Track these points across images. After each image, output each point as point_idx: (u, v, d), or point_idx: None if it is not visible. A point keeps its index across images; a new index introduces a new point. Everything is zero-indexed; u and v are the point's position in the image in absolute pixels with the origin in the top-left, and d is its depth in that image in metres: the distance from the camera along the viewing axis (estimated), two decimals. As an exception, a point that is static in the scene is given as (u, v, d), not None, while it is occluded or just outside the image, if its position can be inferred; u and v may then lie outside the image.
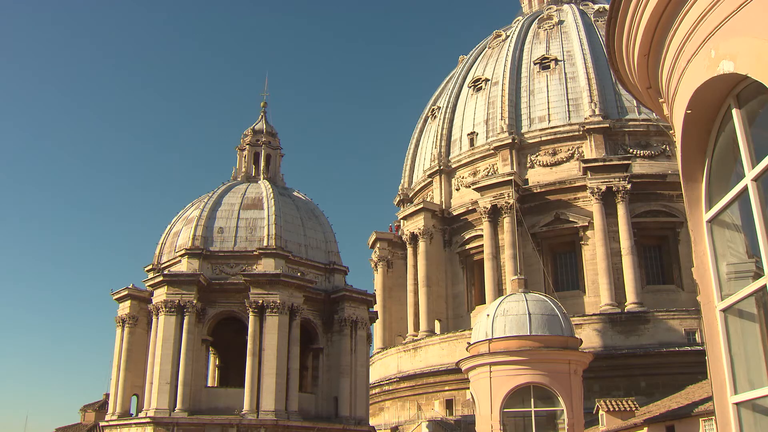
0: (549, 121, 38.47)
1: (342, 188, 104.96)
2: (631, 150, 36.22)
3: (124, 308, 28.82)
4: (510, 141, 38.58)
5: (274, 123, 33.65)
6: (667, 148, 35.94)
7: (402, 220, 43.74)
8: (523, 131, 38.98)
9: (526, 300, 23.90)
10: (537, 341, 22.48)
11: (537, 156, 38.23)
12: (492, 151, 39.70)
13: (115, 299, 29.18)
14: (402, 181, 49.01)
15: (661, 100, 4.59)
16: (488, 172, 40.28)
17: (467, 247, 40.57)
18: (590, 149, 36.77)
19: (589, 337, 30.92)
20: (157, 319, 26.24)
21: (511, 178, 36.88)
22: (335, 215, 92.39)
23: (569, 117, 37.84)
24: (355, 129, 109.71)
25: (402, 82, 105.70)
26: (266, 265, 27.20)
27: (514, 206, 36.51)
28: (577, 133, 37.45)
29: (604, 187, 34.80)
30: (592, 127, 36.93)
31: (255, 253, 27.58)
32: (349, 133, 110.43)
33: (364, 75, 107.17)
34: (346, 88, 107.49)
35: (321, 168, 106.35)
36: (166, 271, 26.75)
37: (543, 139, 38.27)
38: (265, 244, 27.95)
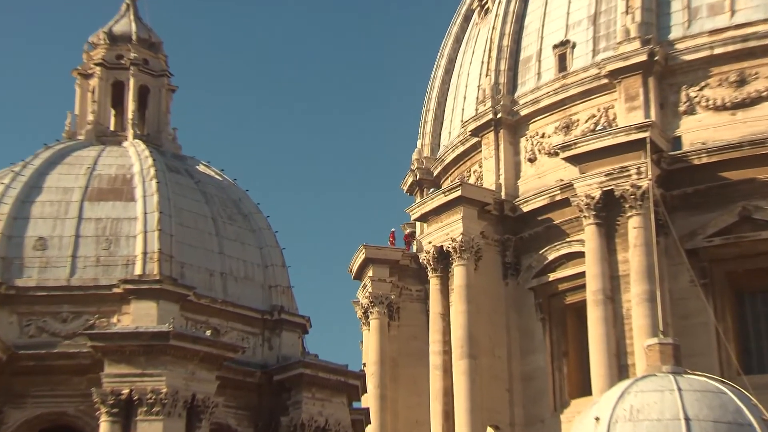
0: (732, 13, 37.60)
1: (300, 163, 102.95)
2: None
3: None
4: (645, 57, 38.22)
5: (156, 26, 34.09)
6: None
7: (418, 223, 45.19)
8: (670, 37, 38.87)
9: (679, 389, 22.53)
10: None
11: (701, 89, 38.01)
12: (605, 80, 39.99)
13: None
14: (418, 146, 50.78)
15: None
16: (596, 124, 39.83)
17: (551, 277, 40.30)
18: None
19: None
20: None
21: (646, 134, 36.06)
22: (289, 216, 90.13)
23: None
24: (324, 50, 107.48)
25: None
26: (139, 316, 26.82)
27: (651, 193, 35.76)
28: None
29: None
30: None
31: (116, 290, 27.08)
32: (307, 57, 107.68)
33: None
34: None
35: (257, 124, 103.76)
36: None
37: (716, 52, 37.80)
38: (137, 271, 27.49)
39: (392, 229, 48.60)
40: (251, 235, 30.55)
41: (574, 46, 41.31)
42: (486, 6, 46.71)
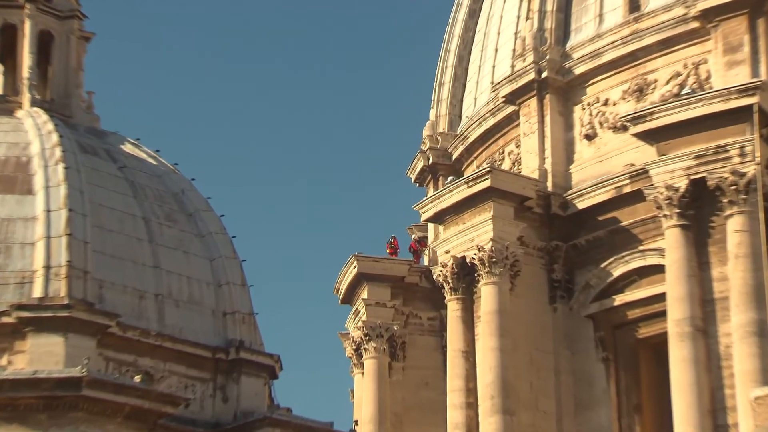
0: None
1: (265, 144, 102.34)
2: None
3: None
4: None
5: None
6: None
7: (431, 225, 45.76)
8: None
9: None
10: None
11: None
12: (695, 24, 40.08)
13: None
14: (431, 118, 51.16)
15: None
16: (681, 86, 39.81)
17: (617, 301, 40.48)
18: None
19: None
20: None
21: (753, 100, 35.76)
22: (251, 216, 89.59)
23: None
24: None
25: None
26: (39, 355, 26.98)
27: (759, 182, 35.74)
28: None
29: None
30: None
31: (6, 320, 27.21)
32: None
33: None
34: None
35: (208, 89, 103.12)
36: None
37: None
38: (37, 293, 27.77)
39: (393, 235, 48.48)
40: (198, 241, 30.73)
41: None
42: None
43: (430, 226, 45.36)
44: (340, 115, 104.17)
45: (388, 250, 47.51)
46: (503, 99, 44.04)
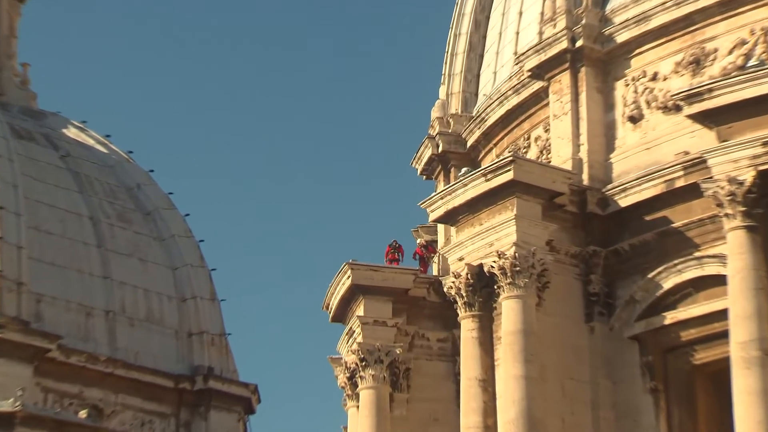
0: None
1: (237, 128, 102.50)
2: None
3: None
4: None
5: None
6: None
7: (441, 227, 46.85)
8: None
9: None
10: None
11: None
12: None
13: None
14: (441, 96, 51.93)
15: None
16: (747, 57, 39.96)
17: (669, 319, 40.39)
18: None
19: None
20: None
21: None
22: (221, 215, 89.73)
23: None
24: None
25: None
26: None
27: None
28: None
29: None
30: None
31: None
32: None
33: None
34: None
35: (167, 63, 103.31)
36: None
37: None
38: None
39: (394, 239, 48.44)
40: (158, 246, 32.10)
41: None
42: None
43: (440, 227, 45.81)
44: (328, 93, 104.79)
45: (388, 258, 47.51)
46: (529, 73, 44.20)
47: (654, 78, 41.71)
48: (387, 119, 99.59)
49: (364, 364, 44.36)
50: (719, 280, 38.16)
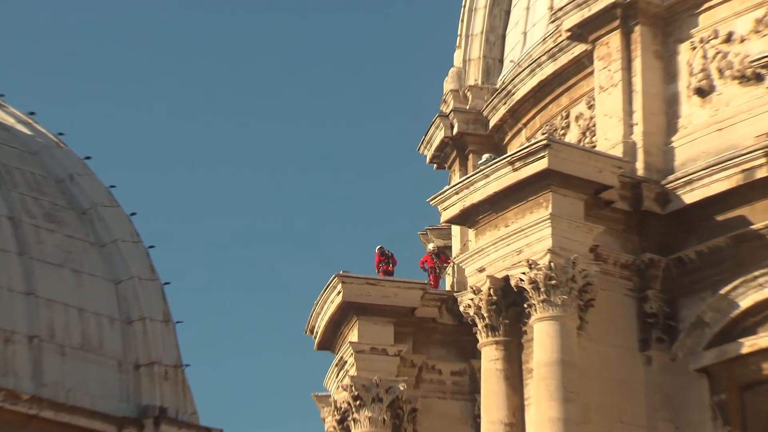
0: None
1: (198, 105, 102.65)
2: None
3: None
4: None
5: None
6: None
7: (457, 230, 48.04)
8: None
9: None
10: None
11: None
12: None
13: None
14: (456, 64, 53.62)
15: None
16: None
17: (747, 347, 40.53)
18: None
19: None
20: None
21: None
22: (177, 216, 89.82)
23: None
24: None
25: None
26: None
27: None
28: None
29: None
30: None
31: None
32: None
33: None
34: None
35: (107, 24, 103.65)
36: None
37: None
38: None
39: (381, 246, 48.65)
40: (96, 254, 31.73)
41: None
42: None
43: (455, 230, 46.07)
44: (309, 62, 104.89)
45: (380, 269, 47.61)
46: (568, 33, 44.31)
47: (728, 39, 41.52)
48: (387, 95, 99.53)
49: (358, 403, 44.24)
50: None
